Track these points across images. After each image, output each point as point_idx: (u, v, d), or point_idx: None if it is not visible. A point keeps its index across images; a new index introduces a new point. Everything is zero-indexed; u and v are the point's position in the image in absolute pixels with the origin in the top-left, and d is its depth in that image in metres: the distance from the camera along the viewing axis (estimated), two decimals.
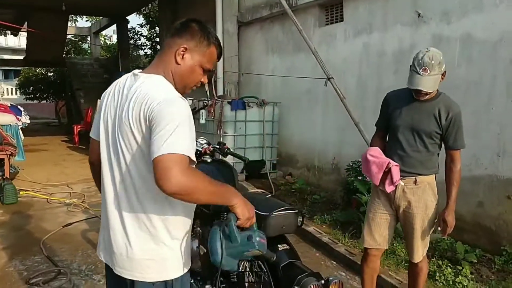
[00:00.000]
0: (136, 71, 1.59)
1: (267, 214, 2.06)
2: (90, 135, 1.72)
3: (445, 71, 2.48)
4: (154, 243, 1.51)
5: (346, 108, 4.90)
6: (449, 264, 3.50)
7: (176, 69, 1.55)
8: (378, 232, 2.74)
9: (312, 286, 1.85)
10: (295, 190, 6.00)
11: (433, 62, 2.39)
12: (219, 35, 7.27)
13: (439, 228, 2.66)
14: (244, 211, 1.53)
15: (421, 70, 2.40)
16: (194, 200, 1.44)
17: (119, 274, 1.57)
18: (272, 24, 6.84)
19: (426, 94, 2.49)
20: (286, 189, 6.12)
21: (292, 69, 6.37)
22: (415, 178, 2.61)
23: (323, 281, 1.92)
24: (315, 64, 5.29)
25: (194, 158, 1.39)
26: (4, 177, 5.82)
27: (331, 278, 1.96)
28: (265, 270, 2.14)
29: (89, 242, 4.21)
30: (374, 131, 2.90)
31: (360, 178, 4.62)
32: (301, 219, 2.17)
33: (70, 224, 4.69)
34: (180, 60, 1.54)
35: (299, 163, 6.55)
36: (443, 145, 2.63)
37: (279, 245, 2.12)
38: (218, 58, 1.65)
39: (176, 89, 1.51)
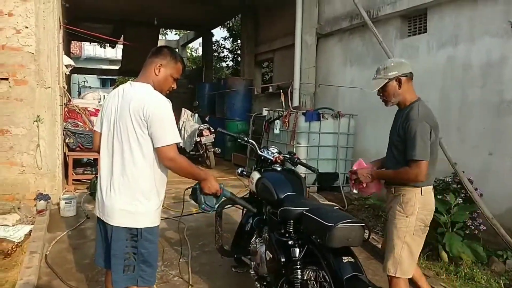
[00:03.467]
0: (131, 82, 2.35)
1: (332, 224, 2.06)
2: (94, 128, 2.49)
3: (396, 78, 2.59)
4: (132, 200, 2.20)
5: None
6: None
7: (155, 79, 2.30)
8: None
9: None
10: (369, 206, 5.83)
11: (380, 67, 2.66)
12: (297, 47, 7.38)
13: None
14: (205, 186, 2.37)
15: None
16: (179, 174, 2.27)
17: (106, 221, 2.26)
18: (352, 35, 6.78)
19: (383, 99, 2.72)
20: (359, 204, 5.97)
21: (371, 82, 6.23)
22: (393, 188, 2.68)
23: None
24: None
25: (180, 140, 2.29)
26: (97, 175, 6.42)
27: None
28: (328, 281, 2.14)
29: (166, 240, 4.48)
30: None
31: (439, 197, 4.37)
32: (367, 233, 2.14)
33: None
34: (158, 72, 2.30)
35: None
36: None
37: (343, 257, 2.11)
38: (183, 71, 2.43)
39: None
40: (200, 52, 19.71)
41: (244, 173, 3.42)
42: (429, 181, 2.63)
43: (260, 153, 3.27)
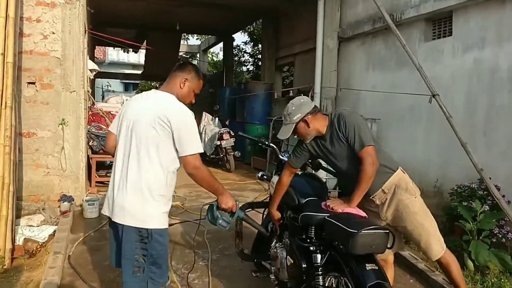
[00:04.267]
0: (155, 90, 2.48)
1: (355, 231, 2.02)
2: (109, 129, 2.57)
3: (302, 119, 2.67)
4: (143, 201, 2.25)
5: (452, 128, 4.58)
6: None
7: (179, 91, 2.42)
8: None
9: None
10: None
11: (285, 113, 2.75)
12: (319, 51, 7.33)
13: None
14: (221, 201, 2.43)
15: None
16: (199, 183, 2.35)
17: (116, 221, 2.30)
18: (374, 39, 6.70)
19: (300, 138, 2.80)
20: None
21: (394, 85, 6.14)
22: (384, 188, 2.71)
23: None
24: (419, 80, 5.06)
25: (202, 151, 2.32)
26: None
27: None
28: None
29: (187, 242, 4.50)
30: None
31: (465, 204, 4.25)
32: (392, 241, 2.09)
33: (172, 224, 5.07)
34: (183, 86, 2.42)
35: None
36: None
37: (367, 265, 2.06)
38: (203, 87, 2.57)
39: None
40: (220, 56, 19.86)
41: (265, 177, 3.40)
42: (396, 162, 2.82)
43: (281, 157, 3.26)
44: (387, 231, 2.10)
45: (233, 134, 8.81)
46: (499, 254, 3.87)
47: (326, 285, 2.33)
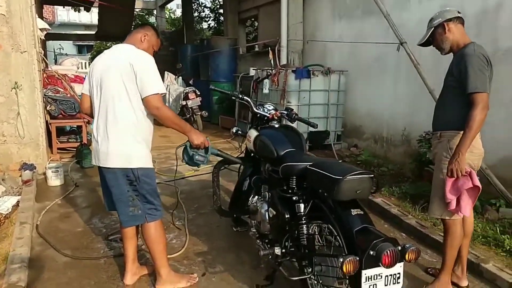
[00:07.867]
0: (115, 45, 2.68)
1: (340, 177, 1.99)
2: (82, 91, 2.73)
3: (440, 24, 2.65)
4: (125, 144, 2.47)
5: (420, 75, 4.61)
6: None
7: (140, 45, 2.63)
8: None
9: (388, 251, 1.78)
10: (361, 162, 5.83)
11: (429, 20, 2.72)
12: (284, 1, 7.10)
13: None
14: (192, 139, 2.61)
15: None
16: (164, 123, 2.51)
17: (102, 165, 2.53)
18: None
19: (437, 49, 2.77)
20: (351, 161, 5.96)
21: (361, 35, 6.07)
22: (438, 133, 2.71)
23: (399, 247, 1.85)
24: (387, 28, 5.01)
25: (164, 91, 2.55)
26: (82, 143, 6.22)
27: (407, 246, 1.87)
28: (336, 234, 2.09)
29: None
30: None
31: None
32: (376, 185, 2.08)
33: None
34: (143, 40, 2.67)
35: (366, 134, 6.34)
36: None
37: (352, 210, 2.05)
38: (160, 48, 2.82)
39: None
40: (178, 13, 19.02)
41: (240, 132, 3.31)
42: None
43: (256, 110, 3.15)
44: (372, 175, 2.08)
45: (199, 93, 8.56)
46: None
47: (309, 232, 2.32)
